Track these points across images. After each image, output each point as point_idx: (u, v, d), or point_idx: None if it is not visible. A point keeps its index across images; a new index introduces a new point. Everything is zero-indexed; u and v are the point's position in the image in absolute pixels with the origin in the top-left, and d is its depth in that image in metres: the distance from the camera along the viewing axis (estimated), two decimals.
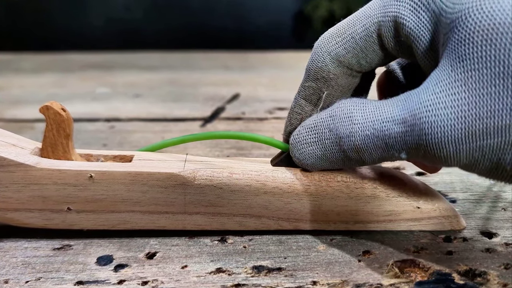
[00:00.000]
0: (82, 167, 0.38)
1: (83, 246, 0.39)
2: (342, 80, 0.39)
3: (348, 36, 0.38)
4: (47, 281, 0.35)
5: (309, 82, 0.40)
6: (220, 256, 0.38)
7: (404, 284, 0.34)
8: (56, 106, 0.39)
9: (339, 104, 0.37)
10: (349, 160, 0.37)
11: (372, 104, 0.35)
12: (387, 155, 0.34)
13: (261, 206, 0.40)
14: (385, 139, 0.33)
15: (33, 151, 0.40)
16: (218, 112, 0.79)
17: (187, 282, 0.35)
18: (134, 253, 0.38)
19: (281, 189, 0.39)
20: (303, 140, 0.38)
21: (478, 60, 0.30)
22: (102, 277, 0.35)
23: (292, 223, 0.40)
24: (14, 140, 0.40)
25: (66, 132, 0.39)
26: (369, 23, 0.37)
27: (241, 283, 0.35)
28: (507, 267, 0.36)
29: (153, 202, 0.39)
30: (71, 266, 0.37)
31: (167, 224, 0.40)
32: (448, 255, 0.38)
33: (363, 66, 0.38)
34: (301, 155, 0.39)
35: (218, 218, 0.40)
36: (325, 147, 0.37)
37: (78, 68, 1.20)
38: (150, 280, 0.35)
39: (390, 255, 0.38)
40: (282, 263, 0.37)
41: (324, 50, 0.39)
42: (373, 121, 0.34)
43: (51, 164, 0.38)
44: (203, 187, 0.39)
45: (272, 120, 0.75)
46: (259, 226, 0.40)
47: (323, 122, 0.37)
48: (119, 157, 0.42)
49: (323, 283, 0.35)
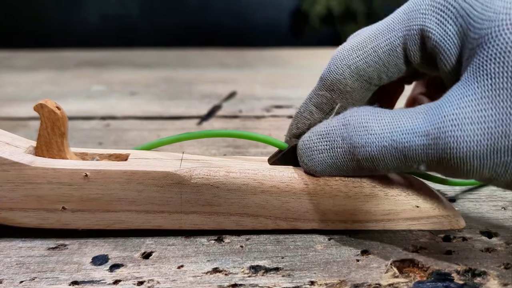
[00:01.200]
0: (77, 166, 0.38)
1: (78, 245, 0.39)
2: (358, 94, 0.39)
3: (370, 50, 0.38)
4: (41, 281, 0.35)
5: (323, 91, 0.40)
6: (217, 255, 0.38)
7: (403, 284, 0.34)
8: (51, 104, 0.39)
9: (352, 113, 0.37)
10: (361, 169, 0.37)
11: (388, 115, 0.35)
12: (404, 166, 0.34)
13: (258, 206, 0.40)
14: (404, 151, 0.34)
15: (28, 150, 0.40)
16: (215, 110, 0.79)
17: (183, 282, 0.35)
18: (129, 252, 0.38)
19: (278, 188, 0.39)
20: (314, 147, 0.38)
21: (508, 80, 0.30)
22: (97, 277, 0.35)
23: (290, 222, 0.40)
24: (8, 138, 0.40)
25: (60, 131, 0.39)
26: (394, 36, 0.37)
27: (238, 283, 0.35)
28: (507, 267, 0.36)
29: (149, 201, 0.39)
30: (66, 266, 0.37)
31: (163, 223, 0.40)
32: (447, 255, 0.37)
33: (383, 80, 0.39)
34: (310, 162, 0.38)
35: (214, 218, 0.40)
36: (337, 156, 0.37)
37: (73, 65, 1.20)
38: (146, 280, 0.35)
39: (389, 255, 0.38)
40: (279, 263, 0.37)
41: (343, 63, 0.39)
42: (391, 132, 0.34)
43: (45, 163, 0.38)
44: (200, 186, 0.39)
45: (269, 118, 0.75)
46: (256, 225, 0.40)
47: (335, 130, 0.37)
48: (115, 155, 0.42)
49: (321, 283, 0.34)
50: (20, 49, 1.40)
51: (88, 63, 1.22)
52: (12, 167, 0.38)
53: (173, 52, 1.41)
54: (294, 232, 0.40)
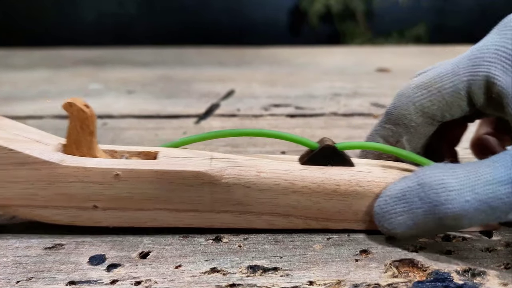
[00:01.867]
0: (107, 164, 0.38)
1: (75, 245, 0.39)
2: (422, 128, 0.42)
3: (434, 90, 0.40)
4: (38, 281, 0.35)
5: (389, 125, 0.43)
6: (215, 255, 0.38)
7: (402, 284, 0.34)
8: (79, 103, 0.39)
9: (424, 171, 0.36)
10: (444, 227, 0.36)
11: (463, 168, 0.35)
12: (491, 217, 0.34)
13: (289, 205, 0.40)
14: (489, 202, 0.33)
15: (57, 148, 0.40)
16: (213, 109, 0.79)
17: (181, 282, 0.35)
18: (127, 252, 0.38)
19: (310, 189, 0.39)
20: (391, 210, 0.37)
21: None
22: (94, 277, 0.35)
23: (321, 222, 0.40)
24: (36, 136, 0.40)
25: (90, 129, 0.39)
26: (458, 80, 0.39)
27: (236, 283, 0.35)
28: (508, 267, 0.36)
29: (180, 200, 0.39)
30: (63, 265, 0.37)
31: (194, 222, 0.40)
32: (447, 255, 0.37)
33: (445, 117, 0.41)
34: (391, 225, 0.38)
35: (245, 217, 0.40)
36: (417, 217, 0.36)
37: (70, 64, 1.20)
38: (143, 280, 0.35)
39: (388, 255, 0.38)
40: (278, 262, 0.37)
41: (409, 100, 0.41)
42: (472, 185, 0.34)
43: (76, 161, 0.38)
44: (231, 185, 0.39)
45: (267, 117, 0.75)
46: (286, 225, 0.40)
47: (411, 191, 0.36)
48: (144, 153, 0.42)
49: (320, 283, 0.34)
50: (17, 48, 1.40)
51: (85, 62, 1.22)
52: (43, 166, 0.38)
53: (171, 50, 1.41)
54: (293, 231, 0.40)
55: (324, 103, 0.82)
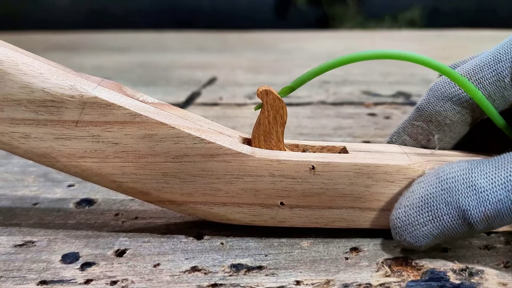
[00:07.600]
0: (302, 157, 0.38)
1: (47, 242, 0.39)
2: (458, 127, 0.40)
3: (474, 82, 0.38)
4: (7, 280, 0.35)
5: (420, 122, 0.41)
6: (196, 253, 0.38)
7: (395, 284, 0.34)
8: (275, 91, 0.38)
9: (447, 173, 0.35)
10: (472, 232, 0.35)
11: (491, 165, 0.34)
12: None
13: None
14: None
15: (240, 140, 0.39)
16: (194, 97, 0.79)
17: (159, 282, 0.35)
18: (102, 250, 0.38)
19: None
20: (414, 222, 0.36)
21: None
22: (67, 276, 0.35)
23: None
24: (218, 127, 0.40)
25: (283, 119, 0.39)
26: (501, 67, 0.38)
27: (218, 283, 0.35)
28: (507, 266, 0.36)
29: (375, 197, 0.38)
30: (34, 264, 0.36)
31: (386, 224, 0.38)
32: (443, 253, 0.38)
33: (484, 114, 0.39)
34: (414, 238, 0.36)
35: None
36: (444, 224, 0.35)
37: (41, 49, 1.19)
38: (119, 280, 0.35)
39: (380, 253, 0.38)
40: (262, 261, 0.37)
41: (444, 95, 0.40)
42: (504, 183, 0.33)
43: (268, 154, 0.38)
44: None
45: (251, 105, 0.74)
46: None
47: (435, 197, 0.35)
48: (328, 148, 0.41)
49: (307, 282, 0.34)
50: None
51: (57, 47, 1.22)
52: (234, 158, 0.37)
53: (149, 35, 1.41)
54: (278, 227, 0.40)
55: (312, 91, 0.82)
